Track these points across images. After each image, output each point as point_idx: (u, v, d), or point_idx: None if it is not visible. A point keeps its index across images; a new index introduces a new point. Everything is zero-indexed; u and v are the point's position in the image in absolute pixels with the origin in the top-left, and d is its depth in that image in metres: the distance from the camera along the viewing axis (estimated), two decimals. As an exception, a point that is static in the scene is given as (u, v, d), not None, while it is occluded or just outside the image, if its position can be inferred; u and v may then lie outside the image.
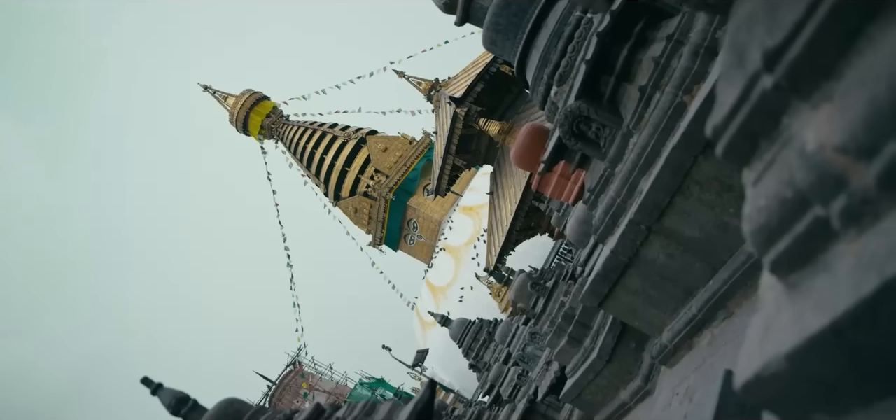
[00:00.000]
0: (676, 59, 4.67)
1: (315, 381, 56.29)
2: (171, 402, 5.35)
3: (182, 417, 5.35)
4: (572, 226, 9.91)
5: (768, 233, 1.24)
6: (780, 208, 1.20)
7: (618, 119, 5.20)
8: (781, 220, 1.20)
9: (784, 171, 1.18)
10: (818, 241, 1.16)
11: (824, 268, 1.15)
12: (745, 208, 1.33)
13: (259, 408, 5.45)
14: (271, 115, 53.74)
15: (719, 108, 1.31)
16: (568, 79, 5.51)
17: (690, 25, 4.77)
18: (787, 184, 1.17)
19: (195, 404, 5.39)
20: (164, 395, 5.40)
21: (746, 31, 1.23)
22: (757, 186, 1.28)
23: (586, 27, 5.39)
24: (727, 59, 1.31)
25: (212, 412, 5.29)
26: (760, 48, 1.15)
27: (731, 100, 1.26)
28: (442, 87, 27.29)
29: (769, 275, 1.33)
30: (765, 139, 1.24)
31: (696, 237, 4.94)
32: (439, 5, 6.60)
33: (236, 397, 5.54)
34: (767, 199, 1.23)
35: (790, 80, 1.13)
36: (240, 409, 5.36)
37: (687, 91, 4.50)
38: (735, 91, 1.25)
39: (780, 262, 1.26)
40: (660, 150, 4.77)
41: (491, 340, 18.50)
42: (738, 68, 1.25)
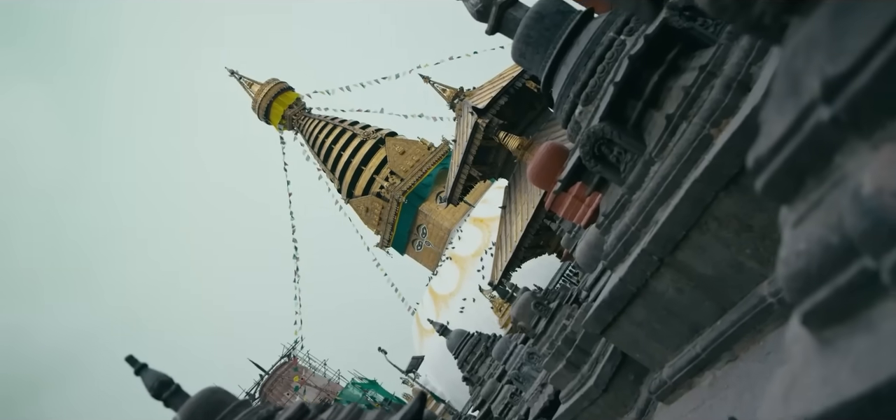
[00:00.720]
0: (707, 90, 4.57)
1: (308, 376, 56.14)
2: (154, 384, 5.22)
3: (163, 401, 5.23)
4: (582, 249, 9.79)
5: (806, 280, 1.13)
6: (822, 255, 1.08)
7: (641, 145, 5.09)
8: (823, 267, 1.09)
9: (832, 214, 1.07)
10: (863, 295, 1.04)
11: (867, 327, 1.04)
12: (781, 251, 1.21)
13: (242, 401, 5.33)
14: (294, 107, 54.07)
15: (765, 138, 1.20)
16: (594, 99, 5.41)
17: (725, 58, 4.67)
18: (833, 229, 1.06)
19: (178, 389, 5.27)
20: (147, 376, 5.28)
21: (804, 56, 1.12)
22: (798, 228, 1.17)
23: (618, 49, 5.29)
24: (779, 85, 1.20)
25: (193, 400, 5.17)
26: (820, 76, 1.05)
27: (780, 130, 1.15)
28: (466, 97, 27.26)
29: (800, 326, 1.22)
30: (812, 177, 1.13)
31: (708, 274, 4.82)
32: (472, 12, 6.51)
33: (219, 387, 5.42)
34: (809, 244, 1.12)
35: (850, 114, 1.02)
36: (222, 400, 5.23)
37: (715, 124, 4.39)
38: (785, 121, 1.13)
39: (816, 313, 1.14)
40: (680, 182, 4.66)
41: (487, 355, 18.41)
42: (790, 97, 1.14)
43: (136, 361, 5.30)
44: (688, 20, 4.93)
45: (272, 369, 57.16)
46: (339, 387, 55.37)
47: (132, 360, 5.31)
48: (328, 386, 55.99)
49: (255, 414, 5.08)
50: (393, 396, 50.10)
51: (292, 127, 54.13)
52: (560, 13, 6.02)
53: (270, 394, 56.30)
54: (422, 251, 51.68)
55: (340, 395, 50.45)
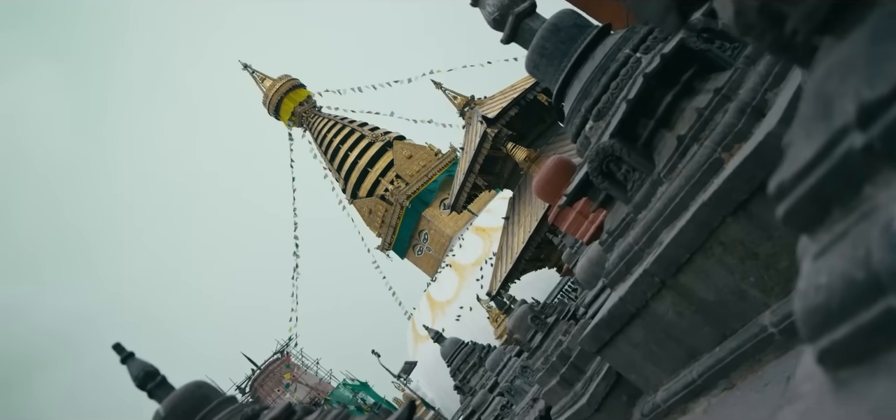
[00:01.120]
0: (721, 113, 4.52)
1: (299, 374, 56.08)
2: (139, 374, 5.12)
3: (148, 392, 5.14)
4: (583, 265, 9.74)
5: (825, 316, 1.06)
6: (845, 290, 1.02)
7: (650, 165, 5.04)
8: (845, 304, 1.02)
9: (858, 248, 1.00)
10: (886, 337, 0.98)
11: (888, 370, 0.98)
12: (799, 283, 1.15)
13: (227, 398, 5.22)
14: (304, 104, 54.33)
15: (790, 162, 1.13)
16: (606, 115, 5.36)
17: (740, 82, 4.62)
18: (859, 263, 0.99)
19: (163, 381, 5.17)
20: (133, 366, 5.18)
21: (839, 79, 1.05)
22: (819, 261, 1.10)
23: (633, 66, 5.23)
24: (807, 108, 1.14)
25: (177, 393, 5.08)
26: (855, 100, 0.98)
27: (807, 155, 1.08)
28: (476, 105, 27.30)
29: (814, 363, 1.15)
30: (839, 207, 1.06)
31: (709, 299, 4.77)
32: (488, 20, 6.46)
33: (205, 381, 5.33)
34: (830, 277, 1.05)
35: (886, 143, 0.95)
36: (207, 395, 5.14)
37: (727, 148, 4.34)
38: (813, 146, 1.07)
39: (833, 352, 1.08)
40: (688, 204, 4.60)
41: (481, 365, 18.33)
42: (820, 121, 1.07)
43: (122, 349, 5.20)
44: (705, 42, 4.88)
45: (264, 365, 57.12)
46: (331, 386, 55.28)
47: (119, 348, 5.21)
48: (319, 385, 55.89)
49: (240, 411, 4.98)
50: (383, 400, 50.05)
51: (301, 124, 54.43)
52: (577, 27, 5.97)
53: (261, 389, 56.27)
54: (422, 256, 51.68)
55: (331, 395, 50.37)
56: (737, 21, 1.27)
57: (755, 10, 1.22)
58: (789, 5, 1.18)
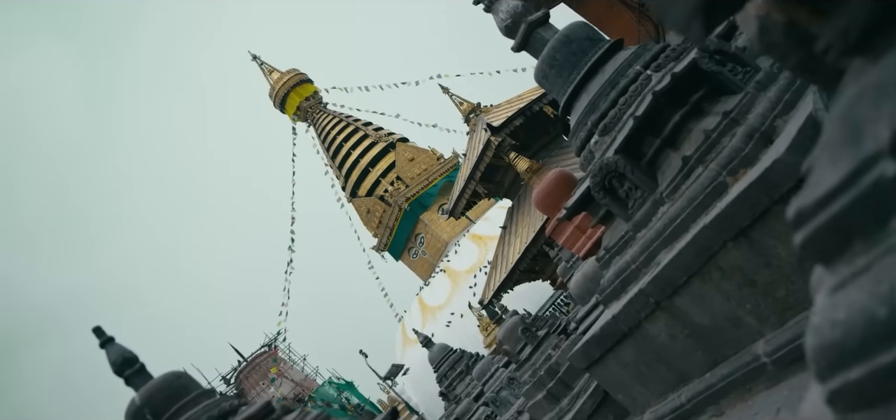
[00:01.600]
0: (728, 137, 4.47)
1: (286, 368, 55.99)
2: (118, 359, 4.99)
3: (125, 379, 5.03)
4: (577, 280, 9.70)
5: (840, 355, 0.99)
6: (864, 328, 0.95)
7: (653, 184, 4.99)
8: (863, 343, 0.95)
9: (882, 283, 0.93)
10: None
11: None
12: (813, 317, 1.08)
13: (205, 390, 5.12)
14: (310, 99, 54.70)
15: (812, 188, 1.07)
16: (612, 130, 5.31)
17: (750, 107, 4.58)
18: (882, 300, 0.92)
19: (142, 369, 5.05)
20: (112, 351, 5.04)
21: (871, 102, 0.99)
22: (837, 294, 1.03)
23: (643, 83, 5.18)
24: (834, 132, 1.07)
25: (155, 382, 4.96)
26: (889, 126, 0.92)
27: (832, 181, 1.01)
28: (482, 113, 27.41)
29: (823, 403, 1.09)
30: (863, 239, 0.99)
31: (704, 324, 4.72)
32: (501, 27, 6.42)
33: (184, 372, 5.22)
34: (849, 314, 0.98)
35: (922, 173, 0.89)
36: (186, 386, 5.03)
37: (732, 172, 4.29)
38: (839, 172, 1.00)
39: (845, 393, 1.01)
40: (689, 226, 4.56)
41: (467, 373, 18.27)
42: (848, 146, 1.01)
43: (102, 333, 5.07)
44: (717, 64, 4.84)
45: (252, 357, 57.10)
46: (316, 384, 55.24)
47: (99, 331, 5.08)
48: (305, 381, 55.83)
49: (218, 405, 4.88)
50: (367, 401, 50.03)
51: (306, 119, 54.72)
52: (589, 40, 5.92)
53: (247, 381, 56.26)
54: (417, 260, 51.71)
55: (315, 392, 50.36)
56: (761, 38, 1.21)
57: (781, 27, 1.16)
58: (819, 25, 1.12)
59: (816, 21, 1.12)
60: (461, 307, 37.52)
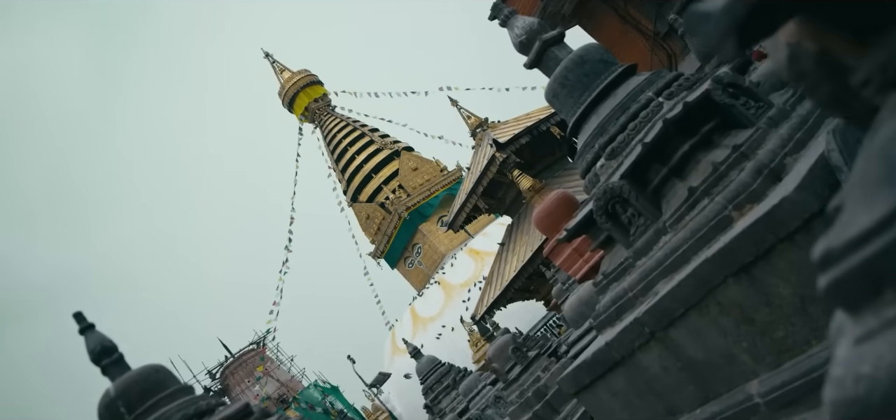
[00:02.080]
0: (737, 171, 4.45)
1: (272, 368, 55.96)
2: (96, 348, 4.90)
3: (101, 368, 4.90)
4: (572, 303, 9.69)
5: (862, 410, 0.95)
6: (891, 386, 0.91)
7: (656, 212, 4.97)
8: (889, 401, 0.91)
9: (915, 338, 0.90)
10: (934, 446, 0.88)
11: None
12: (834, 368, 1.03)
13: (183, 387, 4.99)
14: (319, 101, 55.29)
15: (842, 229, 1.02)
16: (619, 155, 5.29)
17: (761, 143, 4.56)
18: (914, 358, 0.89)
19: (120, 359, 4.95)
20: (90, 338, 4.94)
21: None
22: (862, 346, 0.98)
23: (654, 110, 5.17)
24: (869, 170, 1.03)
25: (131, 375, 4.85)
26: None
27: (865, 223, 0.96)
28: (489, 128, 27.48)
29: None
30: (894, 289, 0.96)
31: (698, 359, 4.68)
32: (515, 42, 6.41)
33: (162, 366, 5.08)
34: (875, 368, 0.93)
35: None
36: (163, 380, 4.92)
37: (738, 207, 4.26)
38: (874, 213, 0.95)
39: (867, 453, 0.97)
40: (690, 258, 4.53)
41: (454, 388, 18.24)
42: (885, 186, 0.96)
43: (83, 319, 4.99)
44: (730, 97, 4.82)
45: (239, 353, 57.12)
46: (301, 385, 55.19)
47: (80, 317, 4.99)
48: (290, 382, 55.76)
49: (194, 403, 4.77)
50: (351, 408, 49.95)
51: (313, 121, 55.25)
52: (603, 62, 5.91)
53: (232, 377, 56.27)
54: (412, 269, 51.79)
55: (300, 394, 50.36)
56: (790, 66, 1.18)
57: (813, 56, 1.13)
58: (855, 57, 1.08)
59: (853, 52, 1.09)
60: (453, 320, 37.51)
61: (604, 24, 19.54)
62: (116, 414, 4.66)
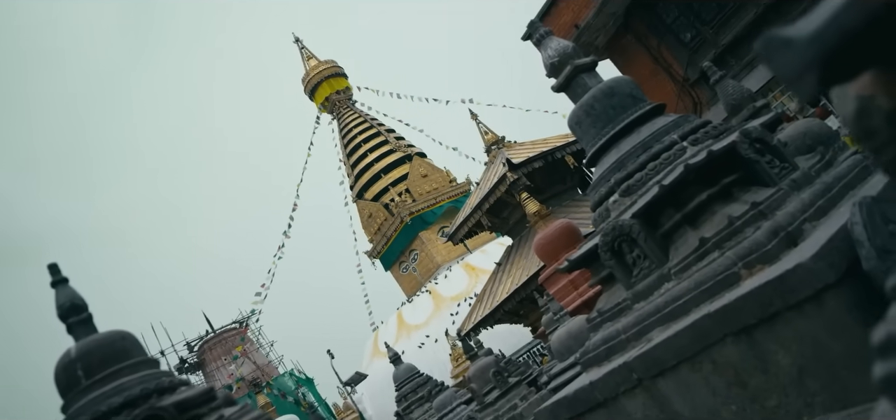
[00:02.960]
0: (752, 229, 4.36)
1: (251, 350, 56.22)
2: (65, 303, 4.76)
3: (68, 326, 4.75)
4: (560, 335, 9.60)
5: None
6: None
7: (662, 257, 4.88)
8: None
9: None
10: None
11: None
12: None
13: (148, 359, 4.80)
14: (341, 93, 56.20)
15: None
16: (633, 193, 5.22)
17: (781, 204, 4.48)
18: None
19: (88, 320, 4.81)
20: (61, 293, 4.81)
21: None
22: None
23: (677, 153, 5.10)
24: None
25: (97, 338, 4.70)
26: None
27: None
28: (504, 147, 27.60)
29: None
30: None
31: (683, 414, 4.61)
32: (546, 63, 6.33)
33: (130, 334, 4.91)
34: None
35: None
36: (128, 349, 4.75)
37: (748, 266, 4.18)
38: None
39: None
40: (690, 310, 4.45)
41: (428, 400, 18.09)
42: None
43: (57, 271, 4.87)
44: (756, 152, 4.75)
45: (220, 330, 57.37)
46: (277, 372, 55.38)
47: (54, 269, 4.87)
48: (267, 367, 56.02)
49: (156, 378, 4.60)
50: (323, 402, 49.99)
51: (332, 112, 56.16)
52: (631, 97, 5.83)
53: (209, 352, 56.60)
54: (405, 275, 51.94)
55: (274, 381, 50.49)
56: (857, 122, 1.07)
57: (885, 113, 1.03)
58: None
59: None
60: (438, 332, 37.45)
61: (635, 61, 19.53)
62: (73, 377, 4.51)
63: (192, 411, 4.39)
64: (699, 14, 18.71)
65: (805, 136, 6.29)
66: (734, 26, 18.05)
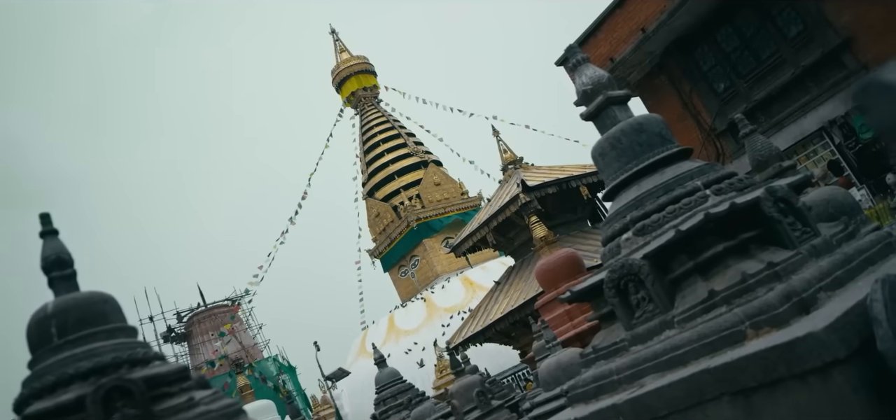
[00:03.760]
0: (765, 289, 4.27)
1: (239, 329, 56.61)
2: (50, 255, 4.62)
3: (49, 280, 4.61)
4: (549, 365, 9.52)
5: None
6: None
7: (668, 304, 4.79)
8: None
9: None
10: None
11: None
12: None
13: (126, 327, 4.64)
14: (368, 90, 57.37)
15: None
16: (648, 234, 5.14)
17: (798, 269, 4.41)
18: None
19: (71, 277, 4.66)
20: (48, 244, 4.67)
21: None
22: None
23: (699, 200, 5.02)
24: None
25: (76, 297, 4.56)
26: None
27: None
28: (520, 168, 27.70)
29: None
30: None
31: (666, 468, 4.49)
32: (578, 90, 6.25)
33: (112, 297, 4.75)
34: None
35: None
36: (107, 313, 4.60)
37: (756, 326, 4.09)
38: None
39: None
40: (688, 362, 4.38)
41: (406, 408, 17.99)
42: None
43: (48, 221, 4.73)
44: (779, 212, 4.67)
45: (212, 305, 57.80)
46: (261, 355, 55.72)
47: (45, 218, 4.73)
48: (252, 348, 56.41)
49: (131, 348, 4.46)
50: (301, 392, 50.14)
51: (356, 107, 57.28)
52: (660, 136, 5.75)
53: (198, 326, 57.11)
54: (403, 279, 52.33)
55: (257, 363, 50.76)
56: None
57: None
58: None
59: None
60: (427, 341, 37.48)
61: (664, 103, 19.50)
62: (46, 333, 4.38)
63: (162, 388, 4.27)
64: (736, 66, 18.68)
65: (828, 204, 6.21)
66: (769, 84, 18.02)
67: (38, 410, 3.97)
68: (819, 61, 17.05)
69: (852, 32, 16.35)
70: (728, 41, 18.73)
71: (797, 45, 17.49)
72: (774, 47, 17.94)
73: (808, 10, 17.13)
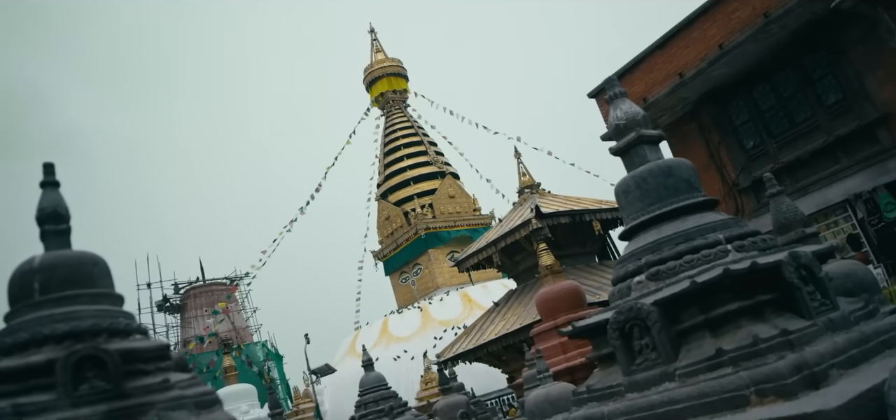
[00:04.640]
0: (775, 356, 4.18)
1: (233, 310, 56.83)
2: (47, 207, 4.51)
3: (42, 232, 4.48)
4: (538, 395, 9.42)
5: None
6: None
7: (672, 355, 4.70)
8: None
9: None
10: None
11: None
12: None
13: (112, 295, 4.52)
14: (397, 93, 58.37)
15: None
16: (661, 280, 5.06)
17: (811, 340, 4.34)
18: None
19: (65, 233, 4.54)
20: (47, 196, 4.55)
21: None
22: None
23: (719, 254, 4.93)
24: None
25: (64, 255, 4.43)
26: None
27: None
28: (536, 193, 27.75)
29: None
30: None
31: None
32: (612, 123, 6.19)
33: (102, 260, 4.59)
34: None
35: None
36: (94, 276, 4.45)
37: (761, 393, 4.01)
38: None
39: None
40: (685, 418, 4.27)
41: (387, 416, 17.86)
42: None
43: (51, 172, 4.62)
44: (801, 279, 4.56)
45: (210, 281, 58.15)
46: (251, 339, 55.93)
47: (48, 168, 4.61)
48: (242, 330, 56.67)
49: (113, 316, 4.32)
50: (285, 382, 50.17)
51: (383, 108, 58.27)
52: (687, 183, 5.67)
53: (193, 300, 57.55)
54: (403, 285, 52.76)
55: (245, 346, 50.91)
56: None
57: None
58: None
59: None
60: (417, 351, 37.42)
61: (691, 150, 19.38)
62: (28, 287, 4.24)
63: (137, 364, 4.11)
64: (769, 125, 18.54)
65: (848, 278, 6.10)
66: (799, 148, 17.88)
67: (5, 367, 3.82)
68: (853, 133, 16.90)
69: (891, 109, 16.21)
70: (764, 99, 18.59)
71: (833, 114, 17.35)
72: (810, 112, 17.80)
73: (849, 80, 16.98)
